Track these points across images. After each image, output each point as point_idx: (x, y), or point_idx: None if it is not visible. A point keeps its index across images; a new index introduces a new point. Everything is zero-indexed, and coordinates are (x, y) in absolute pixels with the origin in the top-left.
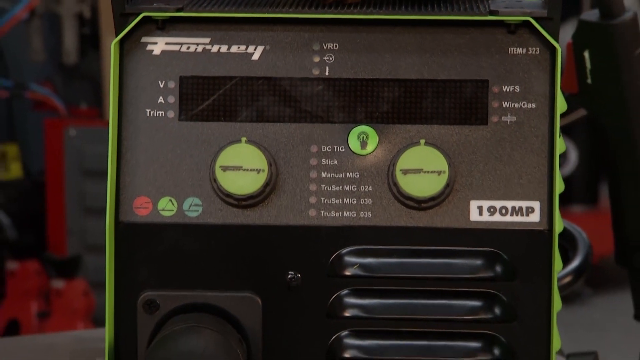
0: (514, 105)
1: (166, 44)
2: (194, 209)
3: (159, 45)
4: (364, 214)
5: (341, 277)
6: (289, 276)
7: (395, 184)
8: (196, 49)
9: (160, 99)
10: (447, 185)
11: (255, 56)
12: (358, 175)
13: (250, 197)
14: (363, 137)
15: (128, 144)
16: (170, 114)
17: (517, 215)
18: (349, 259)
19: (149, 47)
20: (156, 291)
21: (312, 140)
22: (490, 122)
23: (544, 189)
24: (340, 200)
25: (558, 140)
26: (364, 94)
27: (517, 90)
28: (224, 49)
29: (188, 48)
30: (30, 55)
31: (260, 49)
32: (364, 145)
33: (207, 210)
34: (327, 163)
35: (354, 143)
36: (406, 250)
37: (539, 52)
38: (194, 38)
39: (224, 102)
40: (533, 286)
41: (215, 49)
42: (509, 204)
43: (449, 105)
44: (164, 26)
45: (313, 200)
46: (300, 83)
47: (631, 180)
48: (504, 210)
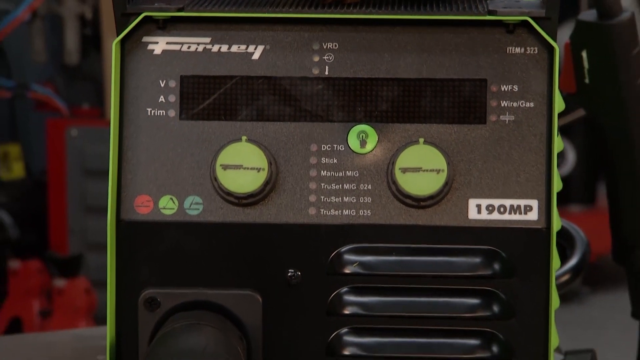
0: (512, 104)
1: (167, 43)
2: (194, 208)
3: (159, 44)
4: (364, 213)
5: (341, 275)
6: (289, 274)
7: (395, 182)
8: (197, 48)
9: (161, 98)
10: (446, 183)
11: (256, 56)
12: (357, 174)
13: (251, 196)
14: (362, 136)
15: (129, 143)
16: (171, 113)
17: (515, 213)
18: (348, 257)
19: (150, 47)
20: (157, 289)
21: (312, 139)
22: (488, 121)
23: (542, 188)
24: (340, 198)
25: (556, 139)
26: (364, 93)
27: (516, 89)
28: (224, 48)
29: (189, 47)
30: (32, 56)
31: (260, 48)
32: (363, 144)
33: (208, 209)
34: (327, 162)
35: (353, 142)
36: (405, 248)
37: (537, 52)
38: (195, 38)
39: (224, 101)
40: (531, 284)
41: (215, 48)
42: (507, 202)
43: (447, 105)
44: (165, 26)
45: (313, 198)
46: (300, 82)
47: (629, 179)
48: (502, 209)
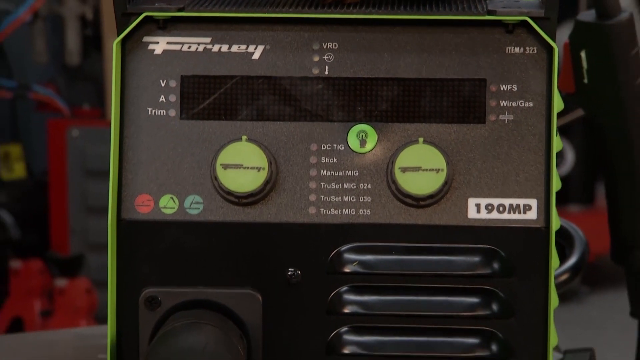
0: (512, 104)
1: (167, 43)
2: (195, 207)
3: (160, 44)
4: (363, 212)
5: (341, 274)
6: (289, 273)
7: (394, 181)
8: (197, 48)
9: (162, 98)
10: (445, 183)
11: (256, 55)
12: (357, 173)
13: (251, 195)
14: (362, 136)
15: (130, 143)
16: (172, 113)
17: (515, 212)
18: (348, 256)
19: (151, 47)
20: (158, 288)
21: (312, 139)
22: (488, 121)
23: (541, 187)
24: (340, 198)
25: (555, 138)
26: (363, 92)
27: (515, 89)
28: (224, 48)
29: (189, 47)
30: (34, 57)
31: (260, 48)
32: (363, 143)
33: (208, 208)
34: (327, 161)
35: (353, 141)
36: (405, 248)
37: (536, 52)
38: (195, 37)
39: (224, 101)
40: (530, 283)
41: (216, 48)
42: (507, 201)
43: (447, 104)
44: (165, 26)
45: (313, 198)
46: (300, 82)
47: (627, 179)
48: (501, 208)
